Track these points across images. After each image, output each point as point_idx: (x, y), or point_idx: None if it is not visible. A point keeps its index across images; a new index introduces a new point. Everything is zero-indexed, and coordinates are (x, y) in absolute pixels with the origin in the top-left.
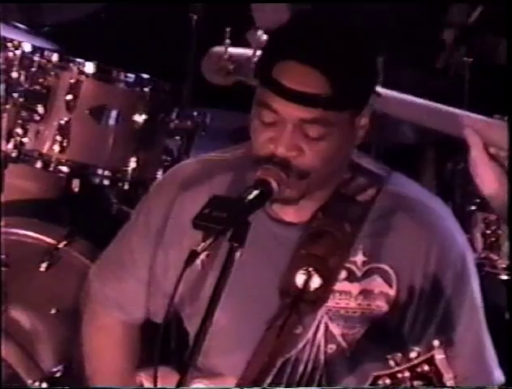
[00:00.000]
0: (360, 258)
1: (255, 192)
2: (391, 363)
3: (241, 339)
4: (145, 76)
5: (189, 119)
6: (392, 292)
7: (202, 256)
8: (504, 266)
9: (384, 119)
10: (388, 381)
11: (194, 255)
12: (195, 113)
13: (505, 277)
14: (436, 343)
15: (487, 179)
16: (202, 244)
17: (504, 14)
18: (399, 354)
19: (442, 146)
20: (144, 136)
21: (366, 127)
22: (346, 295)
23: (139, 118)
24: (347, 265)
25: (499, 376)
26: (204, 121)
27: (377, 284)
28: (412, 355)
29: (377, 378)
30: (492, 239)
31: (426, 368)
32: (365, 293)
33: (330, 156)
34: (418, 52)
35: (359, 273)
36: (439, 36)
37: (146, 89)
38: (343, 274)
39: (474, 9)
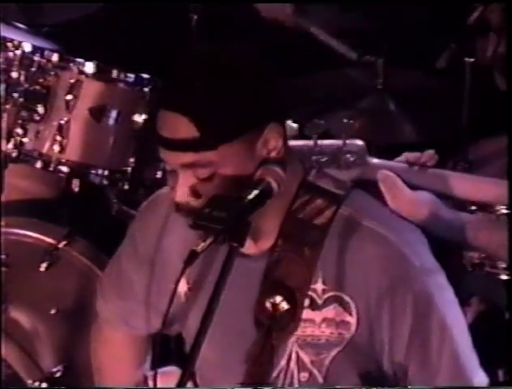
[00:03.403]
0: (319, 286)
1: (255, 192)
2: None
3: (226, 372)
4: (145, 76)
5: None
6: (353, 320)
7: (185, 289)
8: (504, 266)
9: (384, 118)
10: None
11: (193, 255)
12: None
13: (505, 277)
14: None
15: (415, 209)
16: (202, 244)
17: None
18: None
19: (442, 146)
20: (144, 136)
21: (278, 148)
22: (310, 323)
23: (139, 118)
24: (310, 293)
25: (480, 380)
26: None
27: (338, 312)
28: None
29: None
30: None
31: None
32: (327, 321)
33: (231, 188)
34: (418, 52)
35: (320, 301)
36: (439, 35)
37: (146, 89)
38: (307, 302)
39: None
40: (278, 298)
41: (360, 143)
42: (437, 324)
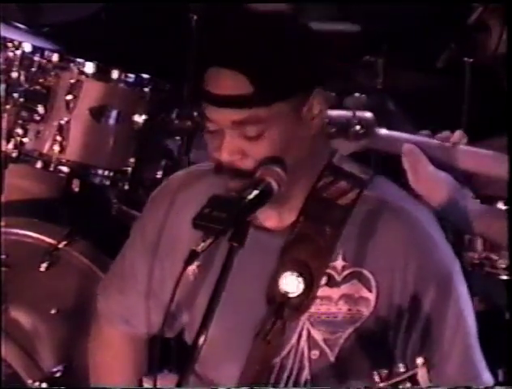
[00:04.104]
0: (339, 263)
1: (255, 192)
2: (376, 378)
3: (231, 349)
4: (145, 76)
5: (189, 119)
6: (372, 297)
7: (194, 267)
8: (504, 266)
9: (384, 118)
10: None
11: (193, 255)
12: (195, 113)
13: (505, 277)
14: (420, 361)
15: (435, 190)
16: (202, 244)
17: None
18: (385, 370)
19: None
20: (144, 136)
21: (321, 116)
22: (326, 300)
23: (139, 118)
24: (328, 270)
25: (487, 379)
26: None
27: (357, 288)
28: (397, 370)
29: None
30: None
31: (408, 385)
32: (346, 298)
33: (277, 151)
34: (418, 52)
35: (339, 278)
36: (439, 35)
37: (146, 89)
38: (324, 279)
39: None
40: (294, 276)
41: (369, 114)
42: (453, 309)
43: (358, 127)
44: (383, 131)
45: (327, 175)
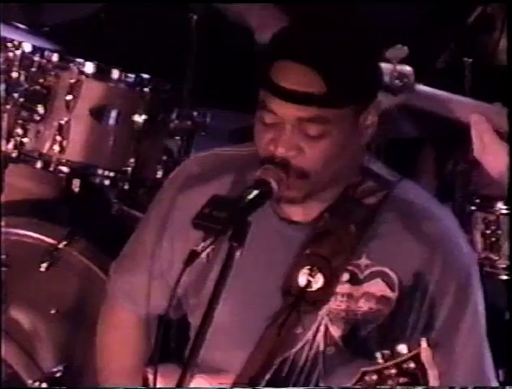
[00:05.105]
0: (363, 261)
1: (255, 192)
2: (379, 359)
3: (241, 335)
4: (145, 76)
5: (189, 119)
6: (394, 296)
7: (209, 249)
8: (504, 266)
9: (384, 117)
10: (375, 377)
11: (193, 255)
12: (195, 113)
13: (505, 277)
14: (423, 340)
15: (497, 161)
16: (202, 244)
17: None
18: (388, 351)
19: (442, 146)
20: (144, 136)
21: (374, 126)
22: (348, 297)
23: (139, 118)
24: (351, 268)
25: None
26: (204, 121)
27: (379, 287)
28: (399, 351)
29: (364, 373)
30: (492, 239)
31: (412, 365)
32: (367, 296)
33: (332, 155)
34: (418, 52)
35: (361, 276)
36: (440, 35)
37: (146, 89)
38: (346, 276)
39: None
40: (313, 271)
41: (408, 68)
42: (471, 310)
43: (397, 81)
44: (422, 87)
45: (356, 175)
